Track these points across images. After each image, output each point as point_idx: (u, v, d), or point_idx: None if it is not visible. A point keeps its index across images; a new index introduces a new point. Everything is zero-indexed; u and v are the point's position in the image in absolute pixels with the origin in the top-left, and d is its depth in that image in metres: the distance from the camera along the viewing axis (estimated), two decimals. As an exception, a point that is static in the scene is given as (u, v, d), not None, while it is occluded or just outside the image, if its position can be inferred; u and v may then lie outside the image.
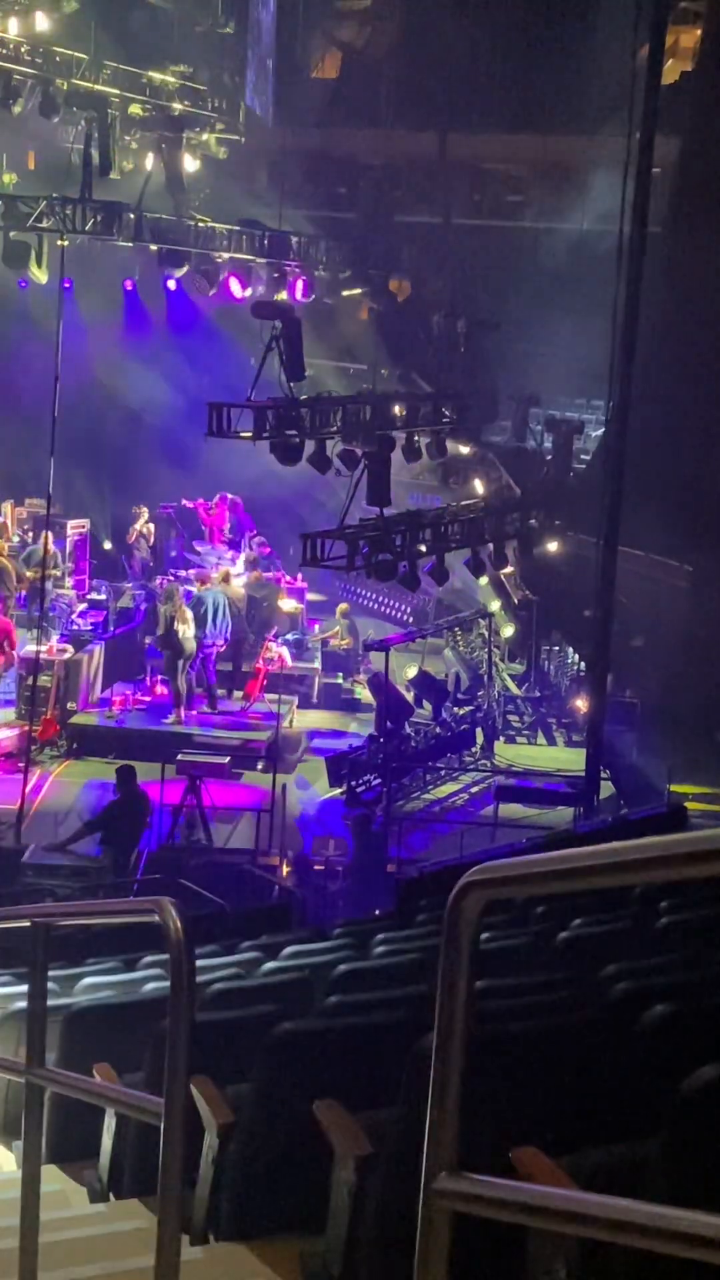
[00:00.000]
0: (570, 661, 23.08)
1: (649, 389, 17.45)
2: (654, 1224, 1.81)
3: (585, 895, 7.01)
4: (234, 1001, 5.55)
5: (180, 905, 3.04)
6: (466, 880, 2.10)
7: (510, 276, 25.40)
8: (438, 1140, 2.09)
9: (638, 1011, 3.65)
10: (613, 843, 1.95)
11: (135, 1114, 3.18)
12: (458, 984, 2.10)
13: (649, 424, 17.89)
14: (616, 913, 6.82)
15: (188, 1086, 2.99)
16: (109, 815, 14.95)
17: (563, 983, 4.74)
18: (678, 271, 21.08)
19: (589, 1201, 1.93)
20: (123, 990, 6.88)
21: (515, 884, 2.09)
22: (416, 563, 18.96)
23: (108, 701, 20.77)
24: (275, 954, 7.30)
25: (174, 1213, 2.93)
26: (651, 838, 1.88)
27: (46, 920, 4.14)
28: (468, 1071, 2.11)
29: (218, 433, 18.70)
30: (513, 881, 2.09)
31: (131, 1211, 4.85)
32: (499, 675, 22.37)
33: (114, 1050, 5.49)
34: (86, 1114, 5.11)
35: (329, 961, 6.54)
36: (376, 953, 6.91)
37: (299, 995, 5.70)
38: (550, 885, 2.05)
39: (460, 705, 21.40)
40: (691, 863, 1.85)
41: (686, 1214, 1.78)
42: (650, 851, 1.88)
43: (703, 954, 5.19)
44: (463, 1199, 2.06)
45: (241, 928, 9.91)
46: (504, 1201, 2.03)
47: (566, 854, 2.02)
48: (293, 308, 21.24)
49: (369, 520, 18.61)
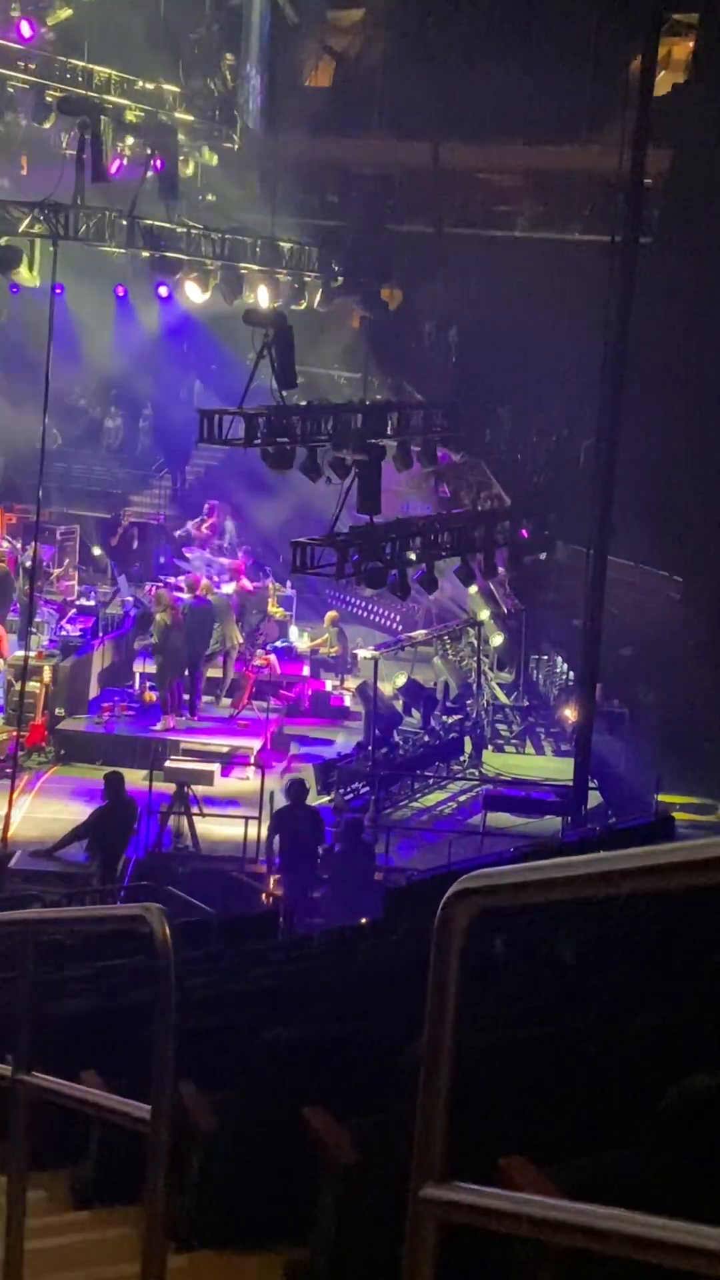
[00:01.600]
0: (559, 671, 23.10)
1: (639, 399, 17.48)
2: (640, 1233, 1.81)
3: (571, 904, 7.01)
4: (220, 1008, 5.54)
5: (167, 912, 3.04)
6: (457, 889, 2.10)
7: (502, 286, 25.41)
8: (425, 1149, 2.09)
9: (623, 1021, 3.65)
10: (603, 852, 1.95)
11: (121, 1121, 3.17)
12: (447, 993, 2.10)
13: (639, 434, 17.92)
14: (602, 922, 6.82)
15: (174, 1093, 2.98)
16: (97, 822, 14.92)
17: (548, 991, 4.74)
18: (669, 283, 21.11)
19: (576, 1210, 1.93)
20: (108, 996, 6.86)
21: (506, 893, 2.09)
22: (406, 571, 18.97)
23: (96, 708, 20.75)
24: (261, 961, 7.29)
25: (159, 1220, 2.92)
26: (643, 848, 1.89)
27: (34, 925, 4.13)
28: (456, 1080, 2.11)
29: (209, 440, 18.71)
30: (503, 890, 2.09)
31: (116, 1219, 4.84)
32: (488, 684, 22.38)
33: (99, 1056, 5.48)
34: (71, 1120, 5.09)
35: (315, 969, 6.53)
36: (363, 961, 6.90)
37: (285, 1002, 5.69)
38: (541, 895, 2.06)
39: (449, 714, 21.41)
40: (682, 873, 1.85)
41: (672, 1223, 1.78)
42: (642, 862, 1.88)
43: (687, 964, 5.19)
44: (450, 1208, 2.06)
45: (227, 934, 9.89)
46: (491, 1210, 2.03)
47: (557, 863, 2.03)
48: (284, 315, 21.23)
49: (359, 528, 18.62)
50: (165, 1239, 3.00)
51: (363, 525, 18.74)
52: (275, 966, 7.05)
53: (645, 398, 17.91)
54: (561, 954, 5.75)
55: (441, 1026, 2.11)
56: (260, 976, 6.66)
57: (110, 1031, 5.83)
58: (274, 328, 18.98)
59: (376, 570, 18.30)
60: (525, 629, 22.61)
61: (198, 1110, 4.41)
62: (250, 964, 7.25)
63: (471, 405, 23.30)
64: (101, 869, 14.63)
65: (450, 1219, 2.09)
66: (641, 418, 17.85)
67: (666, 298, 20.25)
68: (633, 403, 17.10)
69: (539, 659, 23.44)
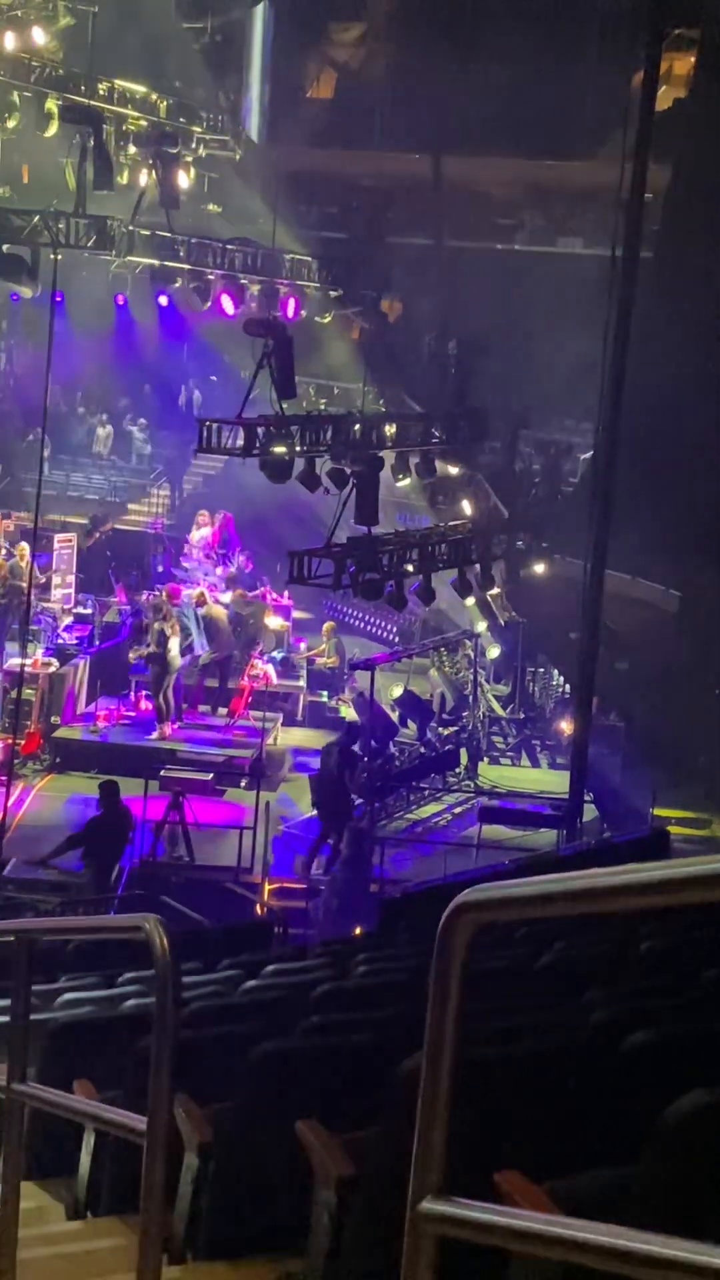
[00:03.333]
0: (555, 684, 23.11)
1: (638, 413, 17.51)
2: (637, 1250, 1.81)
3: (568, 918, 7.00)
4: (215, 1020, 5.53)
5: (165, 922, 3.04)
6: (458, 903, 2.10)
7: (501, 299, 25.47)
8: (424, 1163, 2.09)
9: (619, 1037, 3.65)
10: (603, 868, 1.95)
11: (118, 1132, 3.17)
12: (448, 1006, 2.10)
13: (637, 448, 17.94)
14: (598, 937, 6.82)
15: (171, 1105, 2.98)
16: (91, 831, 14.90)
17: (544, 1007, 4.74)
18: (668, 296, 21.16)
19: (573, 1227, 1.92)
20: (103, 1006, 6.85)
21: (508, 907, 2.09)
22: (403, 582, 18.97)
23: (92, 716, 20.73)
24: (256, 972, 7.28)
25: (156, 1231, 2.92)
26: (642, 864, 1.89)
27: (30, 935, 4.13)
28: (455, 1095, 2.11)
29: (208, 449, 18.72)
30: (506, 905, 2.09)
31: (109, 1229, 4.82)
32: (484, 696, 22.38)
33: (93, 1066, 5.47)
34: (64, 1130, 5.09)
35: (310, 981, 6.52)
36: (358, 973, 6.89)
37: (280, 1014, 5.68)
38: (541, 910, 2.06)
39: (445, 726, 21.40)
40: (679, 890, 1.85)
41: (669, 1240, 1.78)
42: (641, 878, 1.88)
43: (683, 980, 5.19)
44: (448, 1223, 2.06)
45: (222, 945, 9.87)
46: (489, 1226, 2.03)
47: (557, 878, 2.03)
48: (284, 325, 21.26)
49: (356, 539, 18.63)
50: (160, 1250, 2.99)
51: (360, 536, 18.75)
52: (270, 977, 7.03)
53: (643, 412, 17.93)
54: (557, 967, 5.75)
55: (442, 1040, 2.11)
56: (255, 988, 6.65)
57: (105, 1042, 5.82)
58: (274, 337, 19.00)
59: (373, 581, 18.31)
60: (522, 641, 22.62)
61: (193, 1121, 4.41)
62: (245, 975, 7.23)
63: (470, 417, 23.32)
64: (95, 878, 14.60)
65: (448, 1234, 2.09)
66: (640, 432, 17.87)
67: (666, 311, 20.30)
68: (631, 416, 17.12)
69: (535, 672, 23.45)
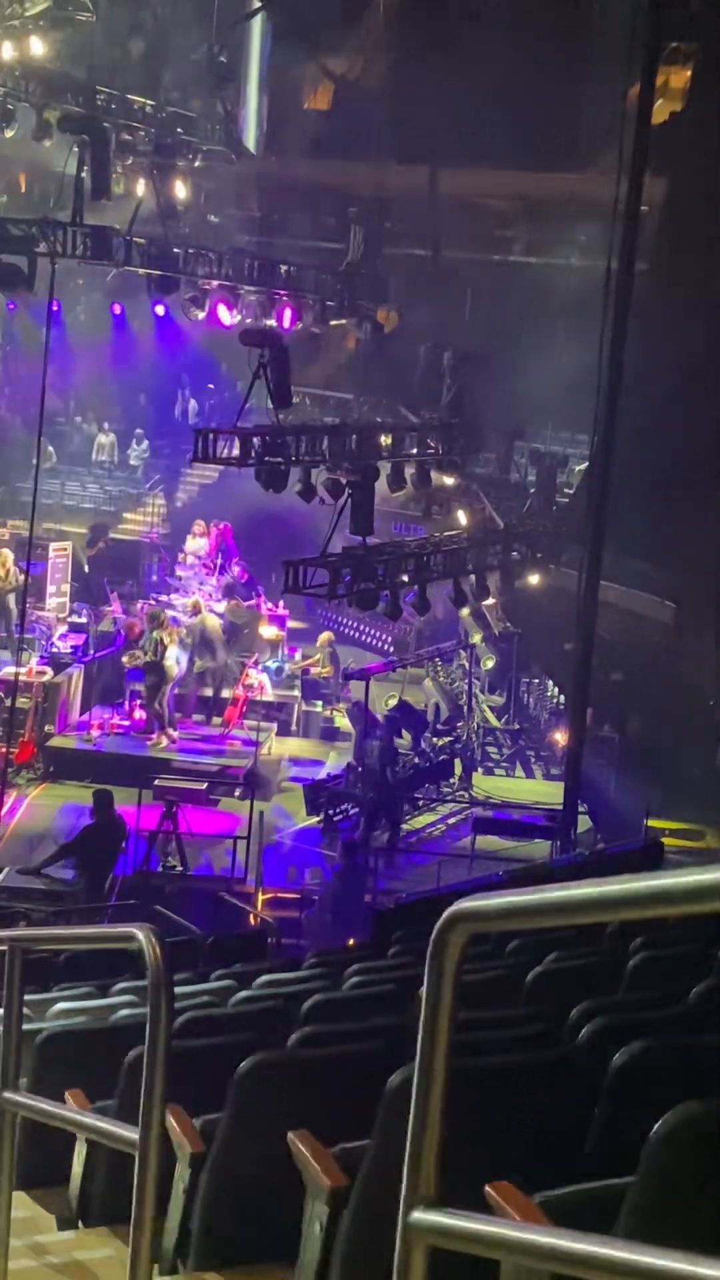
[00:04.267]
0: (550, 694, 23.11)
1: (633, 424, 17.53)
2: (627, 1262, 1.81)
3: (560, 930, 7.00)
4: (206, 1030, 5.52)
5: (159, 932, 3.04)
6: (450, 914, 2.10)
7: (497, 310, 25.51)
8: (415, 1174, 2.10)
9: (612, 1048, 3.65)
10: (595, 879, 1.95)
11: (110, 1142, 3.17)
12: (440, 1018, 2.11)
13: (633, 459, 17.97)
14: (591, 948, 6.82)
15: (163, 1115, 2.98)
16: (84, 839, 14.89)
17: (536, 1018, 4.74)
18: (664, 309, 21.19)
19: (565, 1238, 1.93)
20: (95, 1016, 6.84)
21: (501, 918, 2.10)
22: (398, 592, 18.99)
23: (86, 725, 20.72)
24: (249, 982, 7.27)
25: (147, 1242, 2.92)
26: (634, 875, 1.89)
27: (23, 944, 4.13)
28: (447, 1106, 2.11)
29: (204, 459, 18.73)
30: (498, 916, 2.09)
31: (101, 1239, 4.82)
32: (478, 707, 22.39)
33: (85, 1076, 5.46)
34: (55, 1139, 5.08)
35: (303, 991, 6.52)
36: (351, 983, 6.89)
37: (272, 1024, 5.68)
38: (534, 921, 2.06)
39: (439, 736, 21.40)
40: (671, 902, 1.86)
41: (660, 1252, 1.78)
42: (634, 889, 1.89)
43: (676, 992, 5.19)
44: (439, 1234, 2.06)
45: (215, 955, 9.87)
46: (480, 1237, 2.03)
47: (550, 890, 2.03)
48: (280, 335, 21.29)
49: (352, 549, 18.64)
50: (151, 1261, 2.99)
51: (355, 546, 18.77)
52: (263, 988, 7.03)
53: (639, 423, 17.96)
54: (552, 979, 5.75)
55: (434, 1050, 2.11)
56: (248, 998, 6.65)
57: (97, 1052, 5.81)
58: (270, 347, 19.03)
59: (369, 591, 18.32)
60: (516, 652, 22.63)
61: (184, 1132, 4.40)
62: (238, 985, 7.23)
63: (465, 428, 23.36)
64: (89, 887, 14.59)
65: (439, 1245, 2.09)
66: (635, 443, 17.90)
67: (661, 324, 20.33)
68: (626, 428, 17.15)
69: (530, 682, 23.46)
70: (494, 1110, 3.52)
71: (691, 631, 20.65)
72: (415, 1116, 2.12)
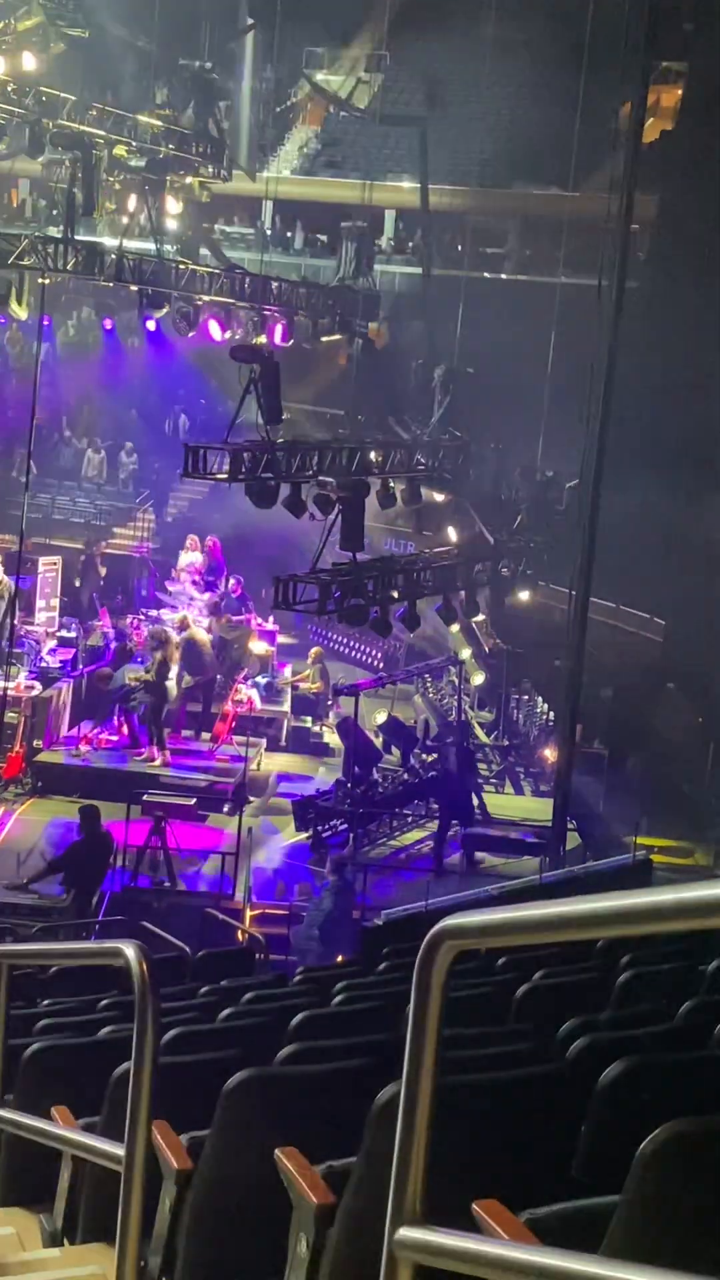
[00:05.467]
0: (539, 711, 23.11)
1: (624, 441, 17.58)
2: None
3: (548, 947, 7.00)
4: (193, 1046, 5.50)
5: (145, 949, 3.03)
6: (437, 931, 2.10)
7: (488, 327, 25.58)
8: (402, 1192, 2.09)
9: (599, 1065, 3.64)
10: (581, 896, 1.95)
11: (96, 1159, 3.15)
12: (427, 1034, 2.10)
13: (623, 476, 18.01)
14: (579, 965, 6.81)
15: (149, 1132, 2.97)
16: (72, 855, 14.86)
17: (524, 1035, 4.73)
18: (655, 326, 21.26)
19: (551, 1256, 1.92)
20: (81, 1032, 6.81)
21: (488, 934, 2.09)
22: (388, 608, 18.99)
23: (74, 740, 20.67)
24: (236, 998, 7.25)
25: (132, 1259, 2.90)
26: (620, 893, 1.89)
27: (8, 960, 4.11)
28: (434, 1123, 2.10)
29: (194, 474, 18.73)
30: (486, 932, 2.09)
31: (86, 1256, 4.79)
32: (469, 723, 22.38)
33: (71, 1092, 5.43)
34: (41, 1155, 5.05)
35: (290, 1007, 6.50)
36: (338, 1000, 6.87)
37: (259, 1041, 5.66)
38: (521, 938, 2.06)
39: (429, 752, 21.38)
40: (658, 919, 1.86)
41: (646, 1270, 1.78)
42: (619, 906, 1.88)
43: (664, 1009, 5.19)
44: (426, 1251, 2.05)
45: (202, 971, 9.84)
46: (467, 1254, 2.03)
47: (536, 907, 2.03)
48: (271, 352, 21.31)
49: (342, 564, 18.65)
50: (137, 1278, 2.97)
51: (345, 562, 18.77)
52: (250, 1004, 7.01)
53: (629, 440, 18.02)
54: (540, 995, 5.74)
55: (421, 1067, 2.11)
56: (235, 1014, 6.63)
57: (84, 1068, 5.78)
58: (261, 363, 19.05)
59: (358, 607, 18.32)
60: (506, 668, 22.63)
61: (171, 1149, 4.38)
62: (225, 1001, 7.21)
63: (456, 444, 23.41)
64: (76, 903, 14.55)
65: (426, 1262, 2.08)
66: (625, 460, 17.95)
67: (652, 341, 20.41)
68: (617, 444, 17.20)
69: (519, 699, 23.47)
70: (481, 1127, 3.51)
71: (681, 648, 20.69)
72: (402, 1134, 2.11)
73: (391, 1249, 2.09)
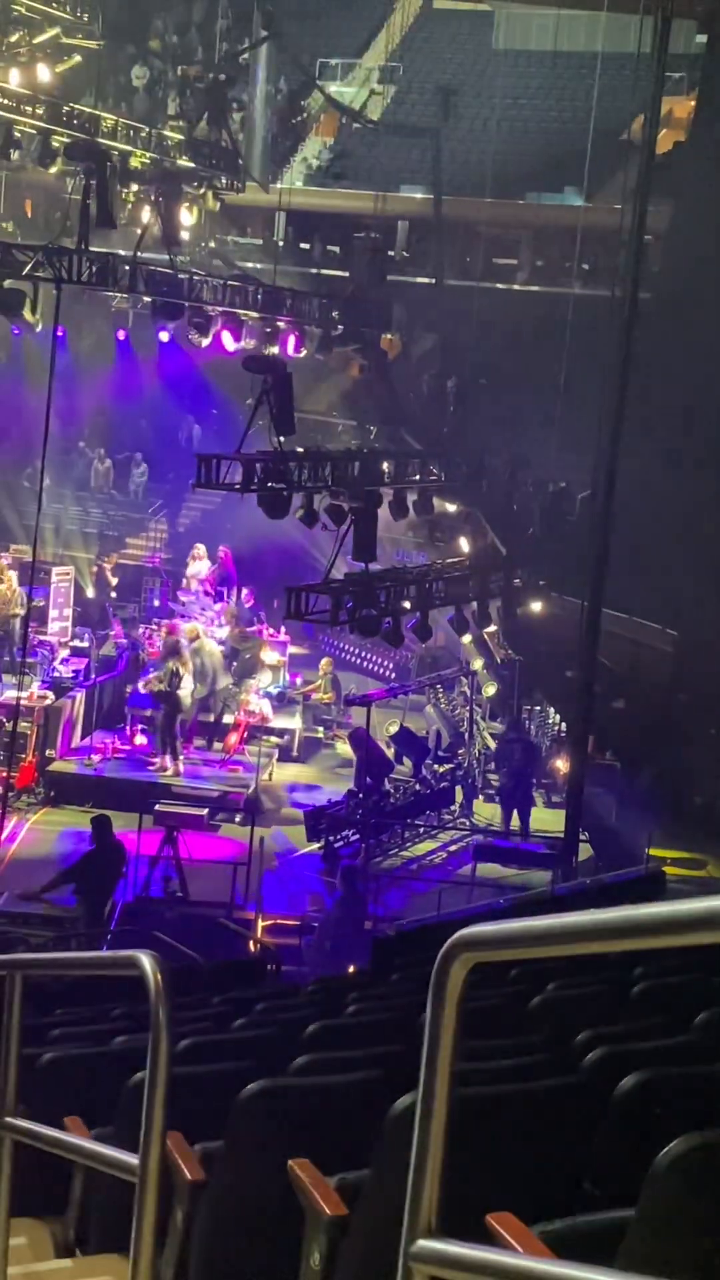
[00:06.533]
0: (551, 722, 23.08)
1: (636, 452, 17.56)
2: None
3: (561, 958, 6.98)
4: (206, 1057, 5.50)
5: (160, 959, 3.03)
6: (453, 942, 2.09)
7: (501, 338, 25.58)
8: (417, 1204, 2.08)
9: (614, 1078, 3.63)
10: (598, 909, 1.95)
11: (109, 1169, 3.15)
12: (442, 1046, 2.09)
13: (635, 487, 17.99)
14: (592, 977, 6.79)
15: (163, 1142, 2.97)
16: (84, 865, 14.86)
17: (538, 1047, 4.72)
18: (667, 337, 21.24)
19: (566, 1269, 1.91)
20: (95, 1042, 6.81)
21: (504, 946, 2.09)
22: (400, 619, 18.99)
23: (87, 750, 20.69)
24: (248, 1009, 7.24)
25: (145, 1270, 2.89)
26: (637, 905, 1.89)
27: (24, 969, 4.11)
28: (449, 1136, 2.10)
29: (206, 484, 18.76)
30: (502, 944, 2.08)
31: (99, 1267, 4.79)
32: (480, 733, 22.36)
33: (85, 1102, 5.43)
34: (53, 1166, 5.05)
35: (302, 1018, 6.49)
36: (350, 1011, 6.86)
37: (272, 1052, 5.65)
38: (537, 950, 2.05)
39: (440, 763, 21.37)
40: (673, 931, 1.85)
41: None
42: (635, 919, 1.88)
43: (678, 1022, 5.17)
44: (440, 1264, 2.05)
45: (214, 982, 9.83)
46: (482, 1267, 2.02)
47: (553, 919, 2.02)
48: (283, 362, 21.33)
49: (354, 575, 18.66)
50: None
51: (358, 572, 18.78)
52: (262, 1015, 7.00)
53: (641, 451, 18.00)
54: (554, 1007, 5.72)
55: (437, 1079, 2.10)
56: (247, 1025, 6.62)
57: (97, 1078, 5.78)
58: (273, 374, 19.07)
59: (371, 618, 18.33)
60: (518, 679, 22.61)
61: (184, 1159, 4.38)
62: (237, 1012, 7.20)
63: (468, 455, 23.40)
64: (88, 913, 14.56)
65: (440, 1275, 2.08)
66: (637, 471, 17.92)
67: (664, 352, 20.38)
68: (629, 456, 17.18)
69: (531, 710, 23.43)
70: (495, 1140, 3.50)
71: (693, 659, 20.64)
72: (417, 1145, 2.11)
73: (406, 1262, 2.08)
